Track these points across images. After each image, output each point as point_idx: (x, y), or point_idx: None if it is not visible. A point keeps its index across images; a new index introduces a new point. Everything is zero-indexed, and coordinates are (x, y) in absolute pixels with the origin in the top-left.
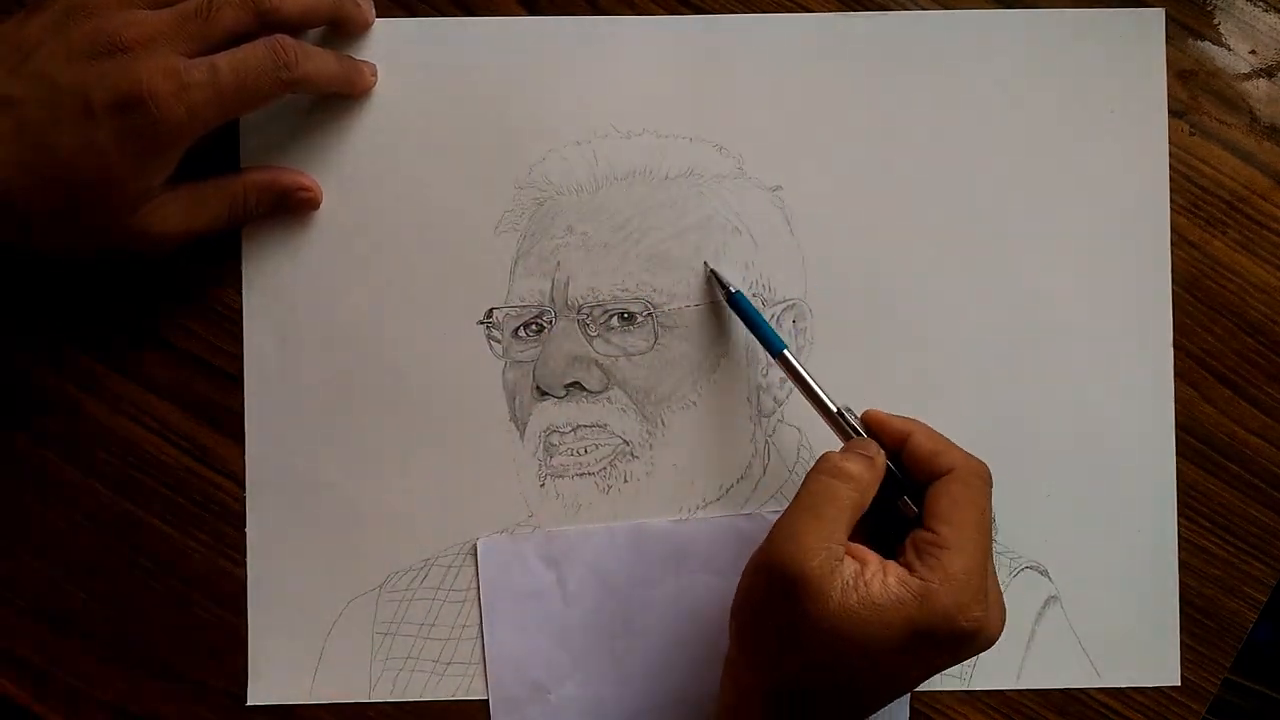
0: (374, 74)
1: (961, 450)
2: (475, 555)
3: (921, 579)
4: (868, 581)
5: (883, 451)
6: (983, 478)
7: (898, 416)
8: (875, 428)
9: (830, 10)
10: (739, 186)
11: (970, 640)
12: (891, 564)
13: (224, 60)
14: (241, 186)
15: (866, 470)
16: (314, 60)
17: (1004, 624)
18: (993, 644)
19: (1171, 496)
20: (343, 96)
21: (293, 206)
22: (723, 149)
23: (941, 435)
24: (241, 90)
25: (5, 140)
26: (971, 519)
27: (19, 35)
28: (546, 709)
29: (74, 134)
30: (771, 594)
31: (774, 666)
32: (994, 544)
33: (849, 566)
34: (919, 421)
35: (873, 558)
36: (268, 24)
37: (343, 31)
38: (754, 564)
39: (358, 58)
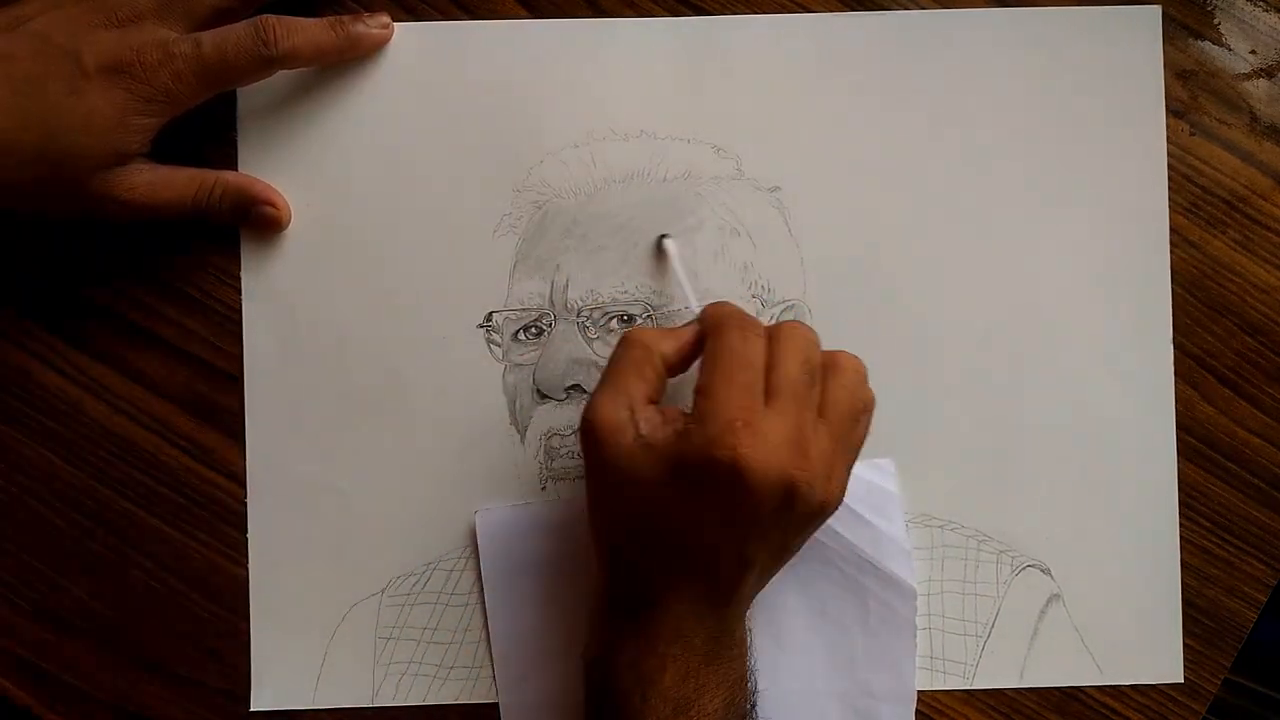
0: (384, 26)
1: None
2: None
3: (683, 416)
4: (654, 427)
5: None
6: (728, 319)
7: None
8: None
9: (830, 10)
10: (737, 188)
11: (735, 472)
12: (675, 410)
13: (208, 36)
14: (214, 181)
15: (653, 334)
16: (300, 34)
17: (807, 468)
18: (799, 492)
19: (1172, 496)
20: (349, 62)
21: (254, 219)
22: (721, 150)
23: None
24: (224, 65)
25: None
26: (721, 359)
27: (18, 11)
28: (552, 679)
29: (64, 83)
30: (586, 454)
31: (600, 516)
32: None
33: (642, 417)
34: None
35: (670, 413)
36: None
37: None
38: None
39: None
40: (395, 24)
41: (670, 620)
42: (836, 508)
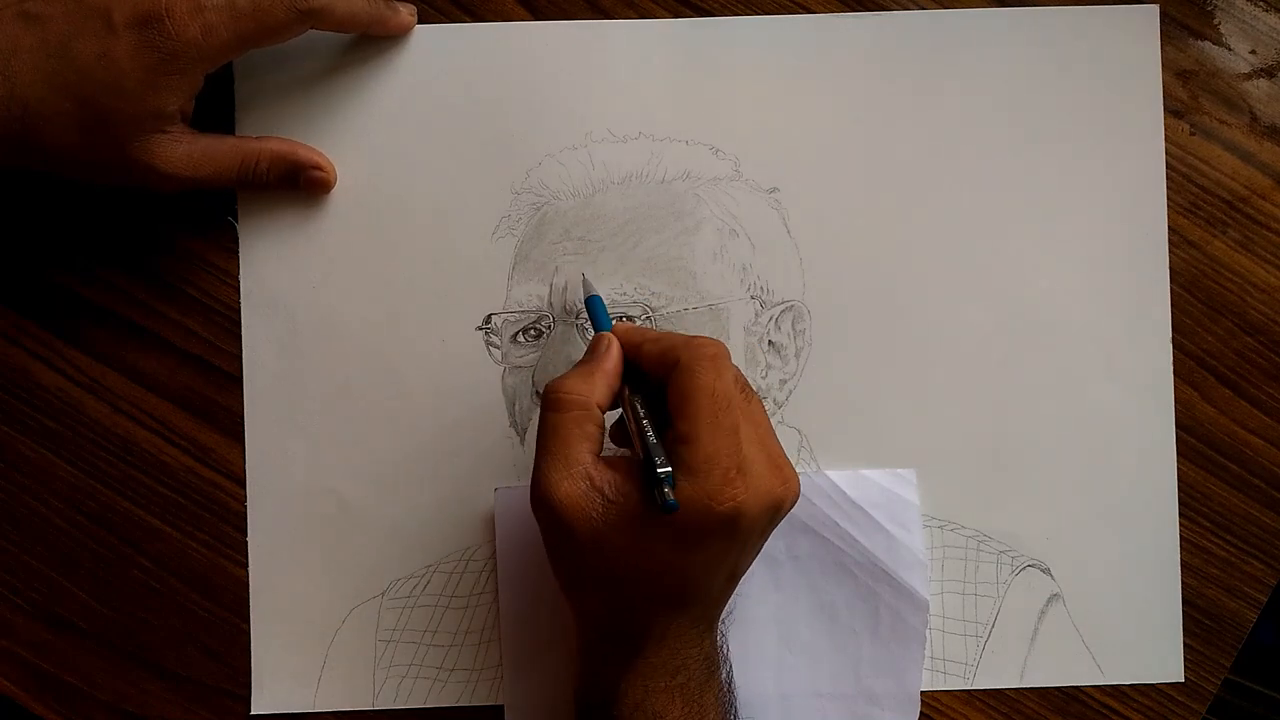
0: (411, 14)
1: (684, 337)
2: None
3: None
4: (624, 494)
5: (614, 346)
6: (705, 358)
7: (633, 328)
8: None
9: (830, 10)
10: (736, 189)
11: (735, 519)
12: (628, 462)
13: None
14: (256, 152)
15: (582, 385)
16: None
17: (787, 483)
18: (784, 507)
19: (1172, 495)
20: (373, 38)
21: (304, 184)
22: (719, 151)
23: (668, 333)
24: (258, 14)
25: (30, 52)
26: (703, 405)
27: None
28: (558, 661)
29: (93, 44)
30: (551, 533)
31: (577, 582)
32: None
33: (603, 482)
34: (646, 328)
35: (623, 466)
36: None
37: None
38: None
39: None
40: None
41: (669, 655)
42: None
